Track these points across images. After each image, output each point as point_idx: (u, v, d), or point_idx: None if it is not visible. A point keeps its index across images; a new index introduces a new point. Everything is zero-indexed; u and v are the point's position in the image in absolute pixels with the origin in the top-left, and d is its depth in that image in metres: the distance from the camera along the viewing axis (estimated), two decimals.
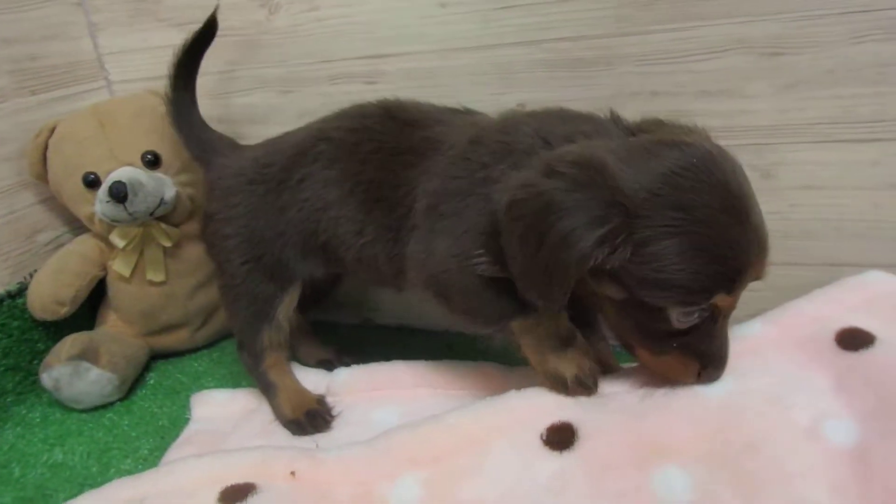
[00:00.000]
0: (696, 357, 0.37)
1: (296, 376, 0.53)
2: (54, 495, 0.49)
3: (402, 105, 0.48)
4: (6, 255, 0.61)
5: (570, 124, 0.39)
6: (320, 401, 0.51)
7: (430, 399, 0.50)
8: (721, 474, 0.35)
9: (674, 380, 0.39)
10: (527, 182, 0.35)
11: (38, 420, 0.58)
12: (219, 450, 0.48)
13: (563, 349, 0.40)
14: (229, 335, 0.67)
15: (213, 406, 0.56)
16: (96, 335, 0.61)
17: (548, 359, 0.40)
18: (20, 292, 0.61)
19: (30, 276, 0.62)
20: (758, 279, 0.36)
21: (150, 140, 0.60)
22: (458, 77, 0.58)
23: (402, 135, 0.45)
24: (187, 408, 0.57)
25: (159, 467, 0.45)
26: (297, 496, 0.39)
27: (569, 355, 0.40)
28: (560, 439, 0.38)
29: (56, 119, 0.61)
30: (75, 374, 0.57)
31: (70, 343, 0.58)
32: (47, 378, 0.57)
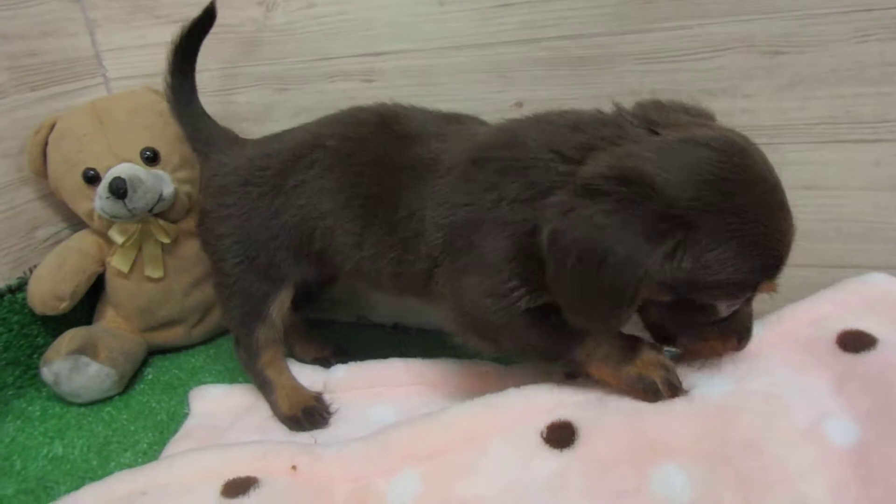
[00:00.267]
0: (734, 333, 0.38)
1: (293, 373, 0.54)
2: (55, 487, 0.50)
3: (396, 114, 0.47)
4: (6, 251, 0.62)
5: (583, 132, 0.37)
6: (318, 398, 0.52)
7: (427, 397, 0.51)
8: (721, 474, 0.35)
9: (713, 358, 0.39)
10: (566, 207, 0.34)
11: (37, 413, 0.59)
12: (219, 444, 0.48)
13: (634, 356, 0.39)
14: (225, 332, 0.68)
15: (210, 401, 0.56)
16: (95, 330, 0.61)
17: (626, 372, 0.38)
18: (20, 287, 0.62)
19: (29, 272, 0.63)
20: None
21: (149, 137, 0.61)
22: (456, 75, 0.57)
23: (397, 149, 0.44)
24: (185, 403, 0.58)
25: (161, 460, 0.46)
26: (297, 490, 0.39)
27: (644, 359, 0.38)
28: (560, 437, 0.38)
29: (55, 115, 0.62)
30: (75, 368, 0.57)
31: (69, 338, 0.59)
32: (47, 372, 0.58)
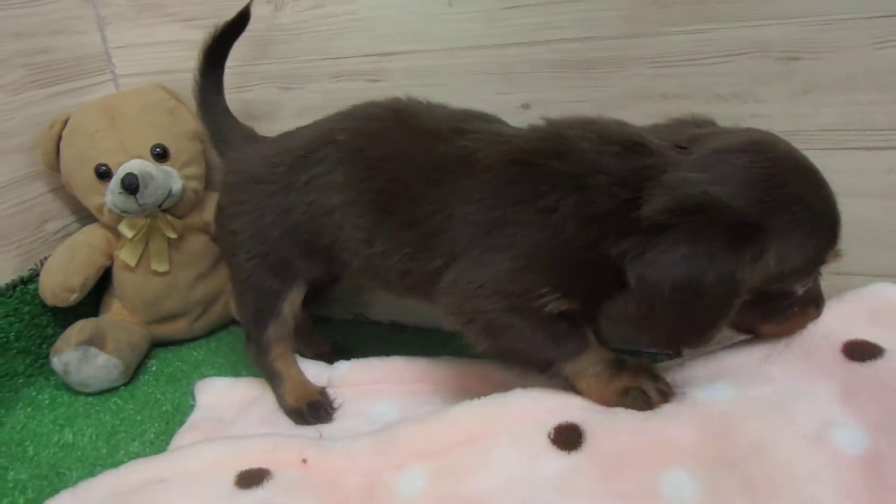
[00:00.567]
0: (811, 303, 0.40)
1: (300, 367, 0.54)
2: (67, 474, 0.51)
3: (412, 109, 0.46)
4: (18, 243, 0.63)
5: (631, 158, 0.37)
6: (323, 392, 0.52)
7: (429, 395, 0.51)
8: (728, 479, 0.35)
9: (798, 331, 0.41)
10: (644, 249, 0.35)
11: (46, 402, 0.61)
12: (228, 436, 0.49)
13: (622, 371, 0.40)
14: (226, 325, 0.69)
15: (215, 394, 0.57)
16: (103, 322, 0.62)
17: (614, 387, 0.40)
18: (31, 279, 0.63)
19: (40, 264, 0.64)
20: None
21: (159, 133, 0.61)
22: (463, 76, 0.57)
23: (417, 145, 0.44)
24: (189, 394, 0.59)
25: (175, 450, 0.46)
26: (308, 483, 0.40)
27: (632, 371, 0.40)
28: (567, 439, 0.38)
29: (68, 111, 0.63)
30: (84, 359, 0.59)
31: (79, 329, 0.60)
32: (57, 362, 0.59)
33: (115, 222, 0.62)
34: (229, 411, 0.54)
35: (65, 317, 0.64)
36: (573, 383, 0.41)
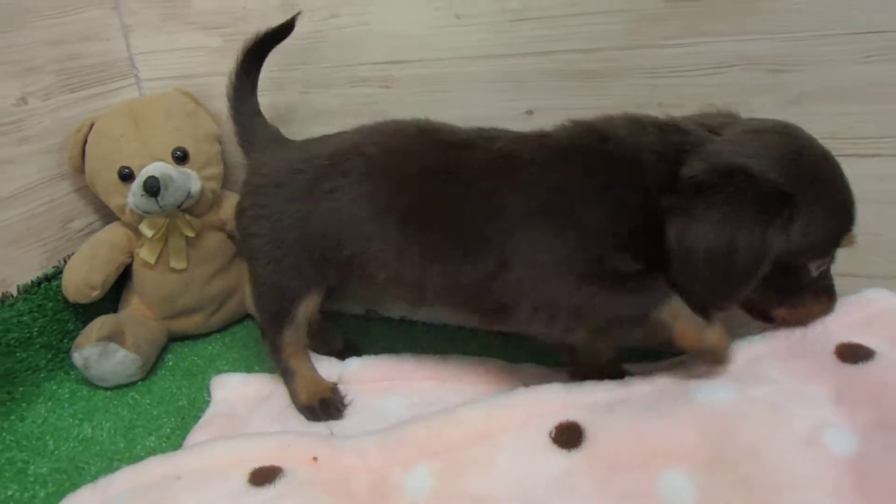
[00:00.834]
0: (824, 293, 0.42)
1: (313, 364, 0.55)
2: (86, 468, 0.52)
3: (436, 127, 0.48)
4: (44, 241, 0.65)
5: (670, 135, 0.40)
6: (334, 389, 0.53)
7: (437, 392, 0.52)
8: (725, 479, 0.36)
9: (811, 321, 0.43)
10: (684, 208, 0.37)
11: (67, 396, 0.62)
12: (242, 433, 0.50)
13: (711, 324, 0.41)
14: (240, 320, 0.71)
15: (229, 390, 0.58)
16: (122, 318, 0.64)
17: (707, 338, 0.41)
18: (55, 275, 0.65)
19: (65, 261, 0.66)
20: None
21: (179, 137, 0.64)
22: (470, 83, 0.59)
23: (450, 158, 0.44)
24: (204, 389, 0.60)
25: (191, 447, 0.47)
26: (319, 480, 0.41)
27: (718, 329, 0.42)
28: (568, 438, 0.39)
29: (94, 115, 0.65)
30: (104, 354, 0.60)
31: (100, 325, 0.62)
32: (78, 357, 0.61)
33: (136, 222, 0.64)
34: (243, 407, 0.55)
35: (85, 312, 0.66)
36: (672, 326, 0.41)
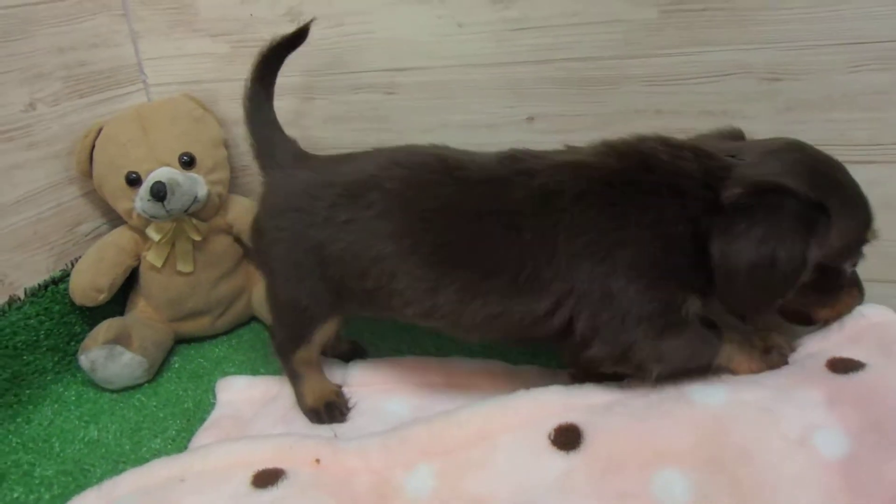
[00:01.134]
0: (854, 286, 0.44)
1: (321, 367, 0.55)
2: (92, 470, 0.52)
3: (457, 160, 0.46)
4: (52, 244, 0.66)
5: (702, 162, 0.42)
6: (339, 392, 0.54)
7: (441, 394, 0.53)
8: (718, 480, 0.36)
9: (846, 313, 0.45)
10: (726, 226, 0.39)
11: (73, 398, 0.62)
12: (246, 435, 0.50)
13: (751, 341, 0.44)
14: (247, 323, 0.71)
15: (235, 392, 0.59)
16: (129, 321, 0.65)
17: (756, 355, 0.44)
18: (62, 279, 0.65)
19: (72, 264, 0.67)
20: None
21: (186, 142, 0.64)
22: (472, 90, 0.61)
23: (482, 196, 0.44)
24: (210, 391, 0.61)
25: (196, 450, 0.48)
26: (321, 482, 0.41)
27: (758, 338, 0.44)
28: (567, 440, 0.40)
29: (101, 120, 0.66)
30: (110, 356, 0.61)
31: (106, 328, 0.62)
32: (84, 359, 0.61)
33: (144, 225, 0.64)
34: (249, 409, 0.56)
35: (92, 315, 0.66)
36: (728, 368, 0.44)
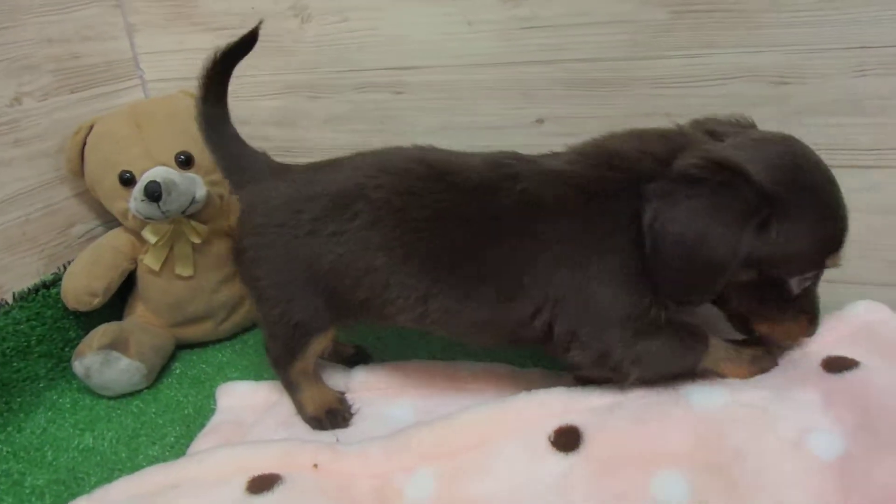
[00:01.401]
0: (804, 315, 0.42)
1: (320, 375, 0.55)
2: (86, 479, 0.51)
3: (445, 162, 0.45)
4: (42, 247, 0.64)
5: (670, 142, 0.41)
6: (341, 399, 0.53)
7: (444, 398, 0.53)
8: (714, 481, 0.37)
9: (790, 341, 0.44)
10: (666, 191, 0.38)
11: (68, 405, 0.60)
12: (245, 440, 0.50)
13: (740, 346, 0.44)
14: (251, 328, 0.70)
15: (236, 397, 0.58)
16: (126, 325, 0.63)
17: (745, 359, 0.43)
18: (54, 282, 0.63)
19: (64, 267, 0.64)
20: None
21: (184, 141, 0.62)
22: (480, 91, 0.60)
23: (467, 202, 0.43)
24: (212, 397, 0.59)
25: (190, 456, 0.47)
26: (319, 487, 0.41)
27: (747, 344, 0.44)
28: (567, 442, 0.40)
29: (94, 118, 0.63)
30: (106, 362, 0.59)
31: (101, 333, 0.60)
32: (79, 366, 0.59)
33: (139, 227, 0.62)
34: (251, 415, 0.55)
35: (88, 320, 0.64)
36: (716, 372, 0.43)
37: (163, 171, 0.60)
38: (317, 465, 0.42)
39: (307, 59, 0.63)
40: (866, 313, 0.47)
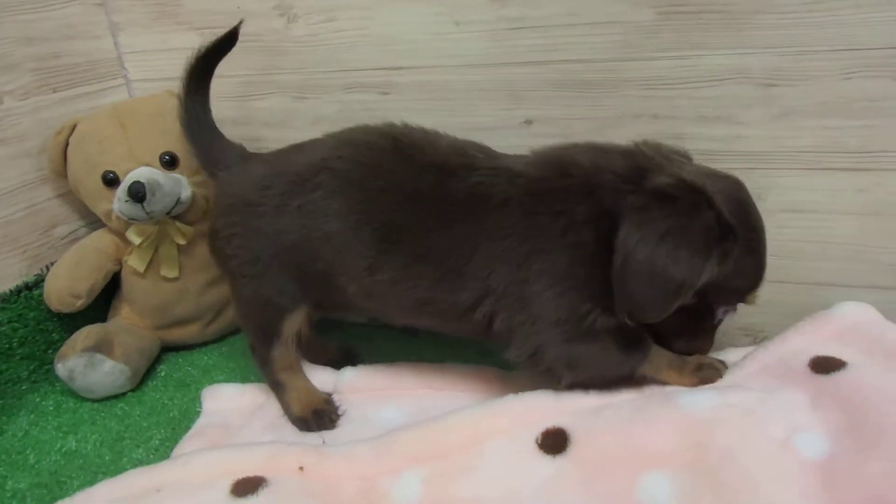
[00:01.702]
0: (708, 335, 0.46)
1: (306, 374, 0.55)
2: (69, 482, 0.51)
3: (411, 139, 0.47)
4: (24, 248, 0.63)
5: (632, 158, 0.43)
6: (328, 400, 0.53)
7: (432, 400, 0.53)
8: (701, 482, 0.37)
9: (694, 356, 0.46)
10: (642, 205, 0.39)
11: (51, 408, 0.60)
12: (230, 443, 0.49)
13: (684, 358, 0.45)
14: (237, 331, 0.69)
15: (223, 400, 0.57)
16: (110, 327, 0.62)
17: (688, 369, 0.44)
18: (37, 284, 0.62)
19: (47, 269, 0.64)
20: None
21: (168, 141, 0.62)
22: (469, 91, 0.60)
23: (425, 179, 0.44)
24: (197, 400, 0.59)
25: (174, 458, 0.47)
26: (304, 490, 0.41)
27: (692, 357, 0.45)
28: (554, 444, 0.41)
29: (77, 117, 0.63)
30: (89, 365, 0.58)
31: (85, 335, 0.60)
32: (62, 368, 0.59)
33: (124, 228, 0.62)
34: (237, 417, 0.55)
35: (71, 322, 0.63)
36: (657, 379, 0.44)
37: (147, 172, 0.60)
38: (302, 468, 0.42)
39: (294, 60, 0.63)
40: (854, 314, 0.47)
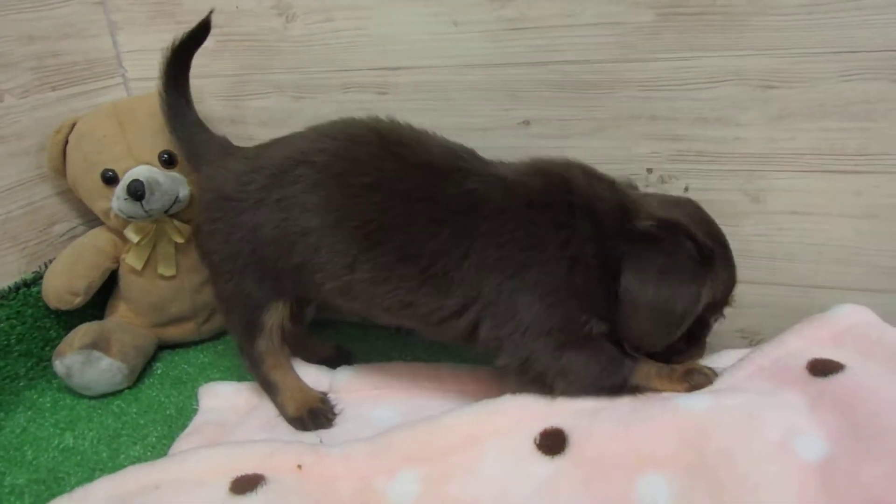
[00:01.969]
0: (701, 342, 0.47)
1: (298, 374, 0.54)
2: (66, 479, 0.51)
3: (398, 135, 0.46)
4: (23, 245, 0.63)
5: (616, 192, 0.45)
6: (323, 399, 0.53)
7: (428, 399, 0.53)
8: (699, 484, 0.37)
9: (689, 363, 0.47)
10: (637, 253, 0.41)
11: (48, 405, 0.60)
12: (227, 441, 0.49)
13: (673, 366, 0.45)
14: None
15: (219, 398, 0.57)
16: (108, 325, 0.62)
17: (678, 375, 0.45)
18: (35, 281, 0.63)
19: (45, 266, 0.64)
20: None
21: (167, 139, 0.61)
22: (468, 92, 0.60)
23: (414, 180, 0.44)
24: (193, 398, 0.59)
25: (172, 456, 0.47)
26: (303, 488, 0.41)
27: (681, 364, 0.46)
28: (552, 444, 0.41)
29: (76, 116, 0.63)
30: (87, 362, 0.59)
31: (82, 332, 0.60)
32: (59, 365, 0.59)
33: (122, 226, 0.62)
34: (233, 415, 0.55)
35: (69, 319, 0.64)
36: (649, 388, 0.44)
37: (146, 170, 0.60)
38: (300, 466, 0.42)
39: (292, 59, 0.63)
40: (851, 316, 0.47)
